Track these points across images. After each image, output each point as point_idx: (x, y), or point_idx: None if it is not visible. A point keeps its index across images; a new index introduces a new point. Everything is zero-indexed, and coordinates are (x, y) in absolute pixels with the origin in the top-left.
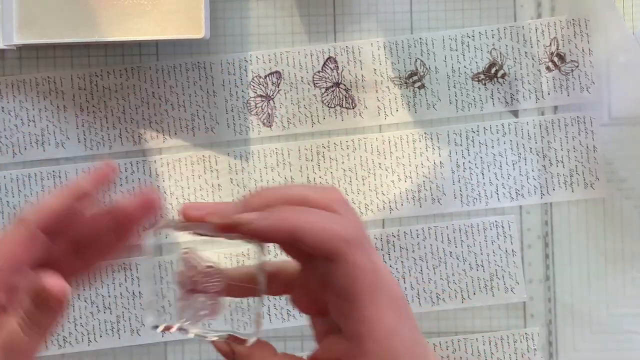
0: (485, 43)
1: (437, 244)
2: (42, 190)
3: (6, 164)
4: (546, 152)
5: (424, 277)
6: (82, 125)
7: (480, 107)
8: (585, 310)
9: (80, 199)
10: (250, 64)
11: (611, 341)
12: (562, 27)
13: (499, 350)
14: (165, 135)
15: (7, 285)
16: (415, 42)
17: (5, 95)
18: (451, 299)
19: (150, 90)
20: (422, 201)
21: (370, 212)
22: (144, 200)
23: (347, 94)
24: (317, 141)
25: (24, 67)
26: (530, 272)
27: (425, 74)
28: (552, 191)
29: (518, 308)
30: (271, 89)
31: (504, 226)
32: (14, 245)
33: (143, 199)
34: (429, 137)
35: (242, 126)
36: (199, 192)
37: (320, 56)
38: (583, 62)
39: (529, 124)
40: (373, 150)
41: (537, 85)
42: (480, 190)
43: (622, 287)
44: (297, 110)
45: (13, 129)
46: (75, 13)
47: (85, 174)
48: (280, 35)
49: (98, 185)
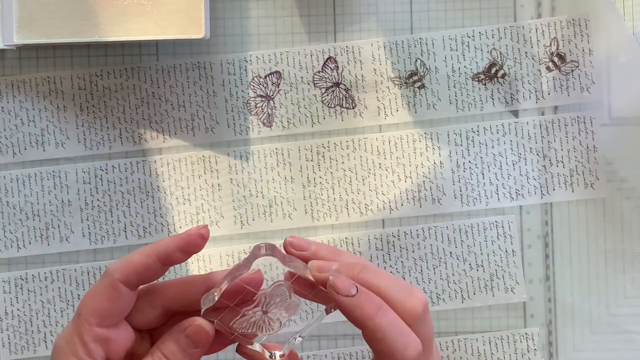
0: (485, 43)
1: (437, 244)
2: (42, 190)
3: (6, 164)
4: (546, 152)
5: (424, 277)
6: (82, 125)
7: (480, 107)
8: (585, 310)
9: (163, 260)
10: (250, 64)
11: (611, 341)
12: (562, 27)
13: (499, 350)
14: (165, 135)
15: (100, 337)
16: (415, 42)
17: (5, 95)
18: (451, 299)
19: (150, 90)
20: (422, 201)
21: (370, 212)
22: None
23: (347, 94)
24: (317, 141)
25: (24, 67)
26: (530, 272)
27: (425, 74)
28: (552, 191)
29: (518, 308)
30: (271, 89)
31: (504, 226)
32: (100, 298)
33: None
34: (429, 137)
35: (242, 126)
36: (199, 192)
37: (320, 56)
38: (583, 62)
39: (529, 124)
40: (373, 150)
41: (537, 85)
42: (480, 190)
43: (622, 287)
44: (297, 110)
45: (13, 129)
46: (75, 13)
47: (176, 237)
48: (280, 35)
49: (185, 251)
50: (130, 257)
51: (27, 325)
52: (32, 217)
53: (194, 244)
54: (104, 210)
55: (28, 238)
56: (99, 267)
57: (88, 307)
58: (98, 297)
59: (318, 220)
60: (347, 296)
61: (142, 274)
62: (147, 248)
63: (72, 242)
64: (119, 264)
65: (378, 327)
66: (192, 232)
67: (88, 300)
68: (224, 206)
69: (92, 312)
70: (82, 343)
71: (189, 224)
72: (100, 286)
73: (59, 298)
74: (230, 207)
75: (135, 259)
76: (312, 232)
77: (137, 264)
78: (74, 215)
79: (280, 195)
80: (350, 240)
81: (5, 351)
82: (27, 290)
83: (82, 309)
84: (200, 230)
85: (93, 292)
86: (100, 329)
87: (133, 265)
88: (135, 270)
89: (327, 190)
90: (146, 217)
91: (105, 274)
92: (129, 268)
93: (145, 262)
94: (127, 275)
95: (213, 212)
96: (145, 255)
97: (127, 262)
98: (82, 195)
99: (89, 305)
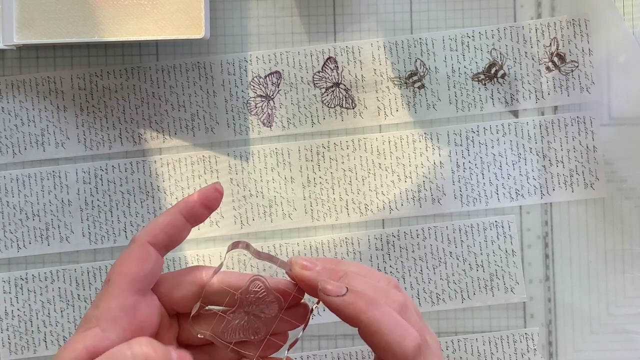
0: (485, 43)
1: (437, 244)
2: (42, 190)
3: (6, 164)
4: (546, 152)
5: (424, 277)
6: (82, 125)
7: (480, 107)
8: (585, 310)
9: (186, 215)
10: (250, 64)
11: (611, 341)
12: (562, 27)
13: (499, 350)
14: (165, 135)
15: (127, 304)
16: (415, 42)
17: (5, 95)
18: (451, 299)
19: (150, 90)
20: (422, 201)
21: (370, 212)
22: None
23: (347, 94)
24: (317, 141)
25: (24, 67)
26: (530, 272)
27: (425, 74)
28: (552, 191)
29: (518, 308)
30: (271, 89)
31: (504, 226)
32: (130, 262)
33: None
34: (429, 137)
35: (242, 126)
36: None
37: (320, 56)
38: (583, 62)
39: (529, 124)
40: (373, 150)
41: (537, 85)
42: (480, 190)
43: (622, 287)
44: (297, 111)
45: (13, 129)
46: (75, 13)
47: (194, 193)
48: (280, 35)
49: (205, 205)
50: (155, 220)
51: (27, 325)
52: (32, 217)
53: (213, 197)
54: (104, 210)
55: (28, 238)
56: (99, 267)
57: (117, 272)
58: (127, 262)
59: (318, 220)
60: (338, 296)
61: (169, 232)
62: (169, 209)
63: (72, 242)
64: (144, 229)
65: (372, 320)
66: (209, 186)
67: (117, 266)
68: (224, 206)
69: (121, 275)
70: (108, 309)
71: None
72: (129, 252)
73: (59, 298)
74: (230, 207)
75: (160, 219)
76: (312, 232)
77: (163, 222)
78: (74, 215)
79: (280, 195)
80: (350, 240)
81: (5, 351)
82: (27, 290)
83: (111, 275)
84: (215, 185)
85: (122, 258)
86: (130, 295)
87: (159, 225)
88: (161, 229)
89: (327, 190)
90: (146, 217)
91: (133, 240)
92: (156, 229)
93: (170, 219)
94: (155, 235)
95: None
96: (169, 215)
97: (153, 225)
98: (82, 195)
99: (119, 270)
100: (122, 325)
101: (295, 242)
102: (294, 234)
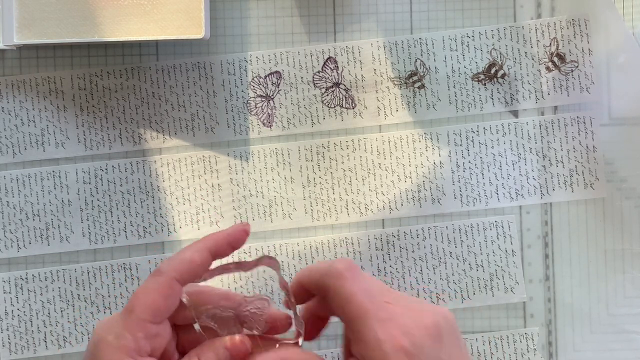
0: (485, 43)
1: (437, 244)
2: (42, 190)
3: (6, 164)
4: (546, 152)
5: (424, 277)
6: (82, 125)
7: (480, 107)
8: (585, 310)
9: (214, 255)
10: (250, 64)
11: (611, 341)
12: (562, 27)
13: (499, 350)
14: (165, 135)
15: (150, 334)
16: (415, 42)
17: (5, 95)
18: (451, 299)
19: (150, 90)
20: (422, 201)
21: (370, 212)
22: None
23: (347, 94)
24: (317, 141)
25: (24, 67)
26: (530, 272)
27: (425, 74)
28: (552, 191)
29: (518, 308)
30: (271, 89)
31: (504, 226)
32: (154, 295)
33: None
34: (429, 137)
35: (242, 126)
36: (199, 192)
37: (320, 56)
38: (583, 62)
39: (529, 124)
40: (373, 150)
41: (537, 86)
42: (480, 190)
43: (622, 287)
44: (297, 110)
45: (13, 129)
46: (75, 13)
47: (223, 232)
48: (280, 35)
49: (232, 245)
50: (182, 255)
51: (27, 325)
52: (32, 217)
53: (240, 238)
54: (104, 210)
55: (28, 238)
56: (99, 267)
57: (142, 304)
58: (152, 294)
59: (318, 220)
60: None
61: (195, 270)
62: (197, 244)
63: (72, 242)
64: (171, 262)
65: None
66: (238, 227)
67: (142, 297)
68: (224, 206)
69: (145, 308)
70: (135, 339)
71: (189, 223)
72: (154, 284)
73: (59, 298)
74: (230, 207)
75: (188, 256)
76: (312, 232)
77: (192, 260)
78: (74, 215)
79: (280, 195)
80: (350, 240)
81: (5, 351)
82: (27, 290)
83: (134, 306)
84: (244, 227)
85: (145, 289)
86: (152, 325)
87: (187, 262)
88: (189, 266)
89: (327, 191)
90: (146, 217)
91: (158, 272)
92: (184, 265)
93: (199, 258)
94: (182, 272)
95: (213, 212)
96: (197, 252)
97: (180, 260)
98: (82, 195)
99: (143, 302)
100: (146, 351)
101: (295, 242)
102: (294, 234)
